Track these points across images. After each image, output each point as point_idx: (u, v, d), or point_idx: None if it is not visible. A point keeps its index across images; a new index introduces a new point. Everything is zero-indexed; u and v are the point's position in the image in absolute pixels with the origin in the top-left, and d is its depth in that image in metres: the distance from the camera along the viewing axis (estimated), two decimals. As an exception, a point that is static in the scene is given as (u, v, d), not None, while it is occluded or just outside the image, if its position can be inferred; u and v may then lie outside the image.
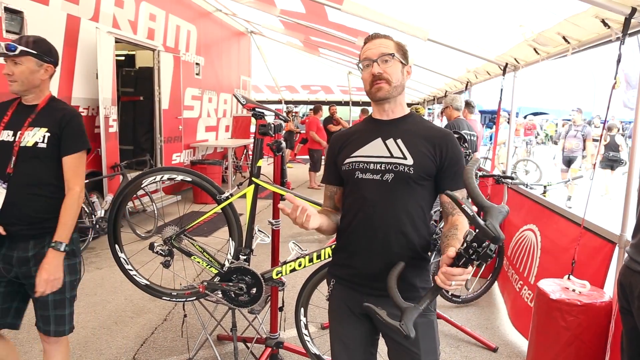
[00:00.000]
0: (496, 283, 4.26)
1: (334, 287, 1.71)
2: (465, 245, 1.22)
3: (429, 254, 1.60)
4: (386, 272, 1.46)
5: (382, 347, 1.70)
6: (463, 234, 1.27)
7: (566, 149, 8.88)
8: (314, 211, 1.45)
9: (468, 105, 5.40)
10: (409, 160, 1.52)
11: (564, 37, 3.36)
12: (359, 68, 1.63)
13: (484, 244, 1.18)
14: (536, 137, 14.83)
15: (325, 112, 11.21)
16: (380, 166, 1.54)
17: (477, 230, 1.18)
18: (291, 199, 1.45)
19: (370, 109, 11.17)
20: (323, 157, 10.25)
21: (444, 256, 1.30)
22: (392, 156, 1.54)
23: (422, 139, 1.56)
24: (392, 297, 1.35)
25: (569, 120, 11.35)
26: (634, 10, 2.38)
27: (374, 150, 1.57)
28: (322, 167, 10.07)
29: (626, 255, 1.90)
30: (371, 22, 5.12)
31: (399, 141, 1.56)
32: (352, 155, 1.60)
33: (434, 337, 1.58)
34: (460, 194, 1.53)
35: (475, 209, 1.26)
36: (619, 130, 11.38)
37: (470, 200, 1.31)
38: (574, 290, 2.42)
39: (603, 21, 2.71)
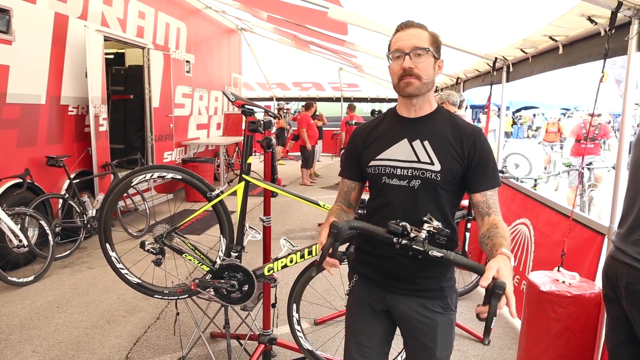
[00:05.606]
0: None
1: (356, 283, 1.69)
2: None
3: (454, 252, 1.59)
4: (410, 272, 1.52)
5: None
6: (507, 232, 1.37)
7: None
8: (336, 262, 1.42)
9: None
10: (436, 166, 1.47)
11: (550, 37, 3.38)
12: (387, 58, 1.52)
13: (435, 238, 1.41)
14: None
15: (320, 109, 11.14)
16: (407, 172, 1.49)
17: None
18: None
19: (357, 105, 11.08)
20: (323, 154, 10.20)
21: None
22: (419, 161, 1.49)
23: (450, 139, 1.50)
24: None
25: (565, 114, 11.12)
26: (620, 4, 2.38)
27: (401, 153, 1.52)
28: (314, 164, 10.11)
29: (612, 245, 1.92)
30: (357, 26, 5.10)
31: (426, 143, 1.50)
32: (377, 158, 1.55)
33: (451, 335, 1.60)
34: (493, 193, 1.49)
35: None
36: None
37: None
38: (563, 282, 2.44)
39: (589, 18, 2.72)
